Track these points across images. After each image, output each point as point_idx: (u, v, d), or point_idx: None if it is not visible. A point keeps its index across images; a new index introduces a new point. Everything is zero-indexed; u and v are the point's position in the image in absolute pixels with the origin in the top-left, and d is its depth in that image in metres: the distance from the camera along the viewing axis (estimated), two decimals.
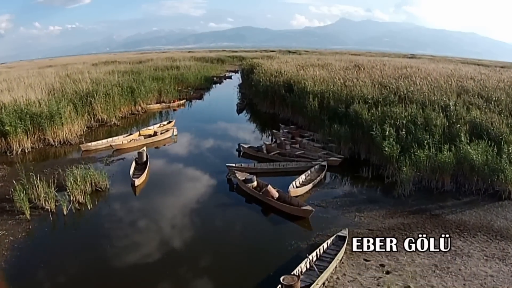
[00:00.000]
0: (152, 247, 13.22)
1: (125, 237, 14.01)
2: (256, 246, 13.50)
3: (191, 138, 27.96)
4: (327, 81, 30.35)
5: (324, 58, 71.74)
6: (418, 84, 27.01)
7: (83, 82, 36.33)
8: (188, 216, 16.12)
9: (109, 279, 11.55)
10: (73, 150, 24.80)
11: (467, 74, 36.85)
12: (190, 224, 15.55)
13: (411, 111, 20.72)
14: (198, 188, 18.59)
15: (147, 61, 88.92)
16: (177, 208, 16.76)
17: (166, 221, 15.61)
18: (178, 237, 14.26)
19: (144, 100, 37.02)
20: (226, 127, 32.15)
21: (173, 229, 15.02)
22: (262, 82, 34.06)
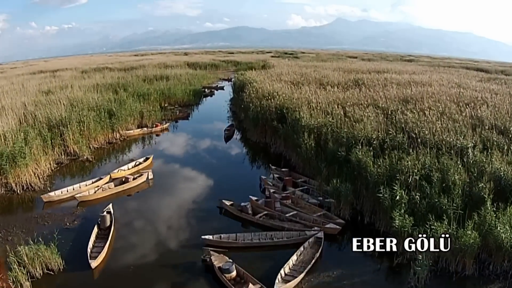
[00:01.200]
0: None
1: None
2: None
3: (168, 184, 23.78)
4: (325, 108, 27.14)
5: (322, 67, 68.93)
6: (428, 115, 23.71)
7: (60, 104, 33.41)
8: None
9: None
10: (35, 200, 21.18)
11: (477, 94, 33.84)
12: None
13: (424, 160, 17.39)
14: (166, 273, 14.90)
15: (139, 68, 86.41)
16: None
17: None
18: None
19: (124, 125, 33.68)
20: (209, 166, 27.08)
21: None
22: (252, 107, 30.67)
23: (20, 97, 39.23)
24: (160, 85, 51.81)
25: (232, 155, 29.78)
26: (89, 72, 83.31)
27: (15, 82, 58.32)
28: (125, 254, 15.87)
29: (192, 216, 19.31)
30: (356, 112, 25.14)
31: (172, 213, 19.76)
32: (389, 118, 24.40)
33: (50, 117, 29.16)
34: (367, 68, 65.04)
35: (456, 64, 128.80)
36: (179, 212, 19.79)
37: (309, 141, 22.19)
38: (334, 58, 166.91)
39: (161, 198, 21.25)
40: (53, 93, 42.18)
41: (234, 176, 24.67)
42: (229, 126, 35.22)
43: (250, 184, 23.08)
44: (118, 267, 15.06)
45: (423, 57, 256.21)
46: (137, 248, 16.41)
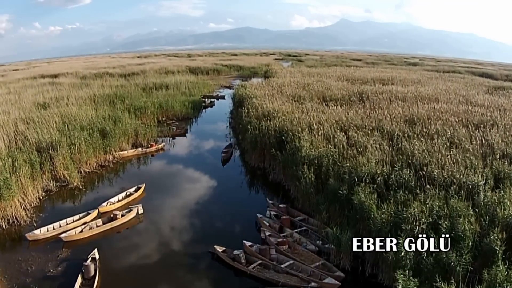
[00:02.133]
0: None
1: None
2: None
3: (158, 221, 21.88)
4: (327, 132, 25.80)
5: (325, 75, 67.83)
6: (436, 144, 22.28)
7: (52, 121, 32.31)
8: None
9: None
10: (20, 238, 19.75)
11: (486, 111, 32.73)
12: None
13: (431, 205, 16.04)
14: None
15: (140, 73, 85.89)
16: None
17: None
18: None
19: (118, 145, 32.38)
20: (204, 198, 25.33)
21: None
22: (250, 129, 29.26)
23: (14, 111, 38.24)
24: (159, 96, 50.88)
25: (229, 183, 27.71)
26: (89, 78, 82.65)
27: (12, 90, 57.65)
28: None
29: (182, 263, 17.82)
30: (359, 139, 23.71)
31: (162, 258, 18.20)
32: (395, 146, 23.09)
33: (40, 138, 27.90)
34: (371, 77, 63.83)
35: (461, 69, 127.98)
36: (169, 257, 18.32)
37: (309, 174, 20.74)
38: (338, 61, 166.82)
39: (151, 239, 19.82)
40: (48, 106, 41.20)
41: (230, 211, 22.83)
42: (227, 147, 33.56)
43: (245, 220, 21.76)
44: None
45: (428, 60, 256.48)
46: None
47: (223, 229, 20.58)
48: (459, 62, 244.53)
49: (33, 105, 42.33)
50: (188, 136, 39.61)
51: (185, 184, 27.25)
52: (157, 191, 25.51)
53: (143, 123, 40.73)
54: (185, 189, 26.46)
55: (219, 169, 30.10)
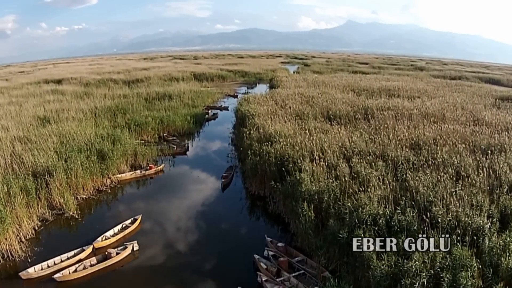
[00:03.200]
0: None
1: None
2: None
3: (153, 258, 21.01)
4: (329, 161, 25.15)
5: (330, 84, 67.14)
6: (442, 178, 21.48)
7: (50, 139, 32.17)
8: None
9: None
10: (13, 277, 18.96)
11: (494, 130, 32.99)
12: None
13: (433, 255, 15.24)
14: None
15: (144, 80, 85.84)
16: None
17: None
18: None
19: (116, 167, 31.75)
20: (201, 231, 24.19)
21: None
22: (251, 155, 28.45)
23: (13, 126, 37.98)
24: (161, 108, 50.42)
25: (227, 214, 26.63)
26: (92, 85, 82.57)
27: (14, 100, 57.55)
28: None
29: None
30: (362, 171, 22.92)
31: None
32: (399, 177, 22.47)
33: (37, 162, 27.33)
34: (377, 87, 63.31)
35: (468, 74, 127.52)
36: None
37: (309, 212, 19.98)
38: (345, 66, 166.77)
39: (145, 279, 19.16)
40: (48, 121, 40.86)
41: (227, 248, 21.87)
42: (228, 171, 32.63)
43: (242, 258, 20.95)
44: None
45: (434, 62, 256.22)
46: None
47: (218, 270, 19.77)
48: (465, 65, 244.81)
49: (33, 119, 42.02)
50: (189, 154, 38.80)
51: (182, 214, 26.15)
52: (154, 223, 24.70)
53: (143, 140, 40.28)
54: (182, 220, 25.40)
55: (218, 196, 29.17)
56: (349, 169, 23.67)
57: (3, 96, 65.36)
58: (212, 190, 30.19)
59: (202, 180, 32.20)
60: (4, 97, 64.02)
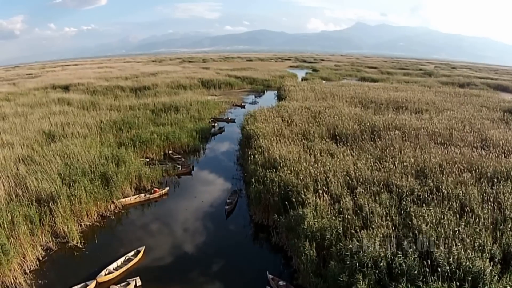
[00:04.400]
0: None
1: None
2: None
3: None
4: (334, 191, 25.02)
5: (338, 95, 67.00)
6: (446, 215, 21.25)
7: (54, 162, 32.11)
8: None
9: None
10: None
11: (500, 152, 33.30)
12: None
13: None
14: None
15: (151, 87, 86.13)
16: None
17: None
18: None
19: (120, 190, 31.54)
20: (203, 261, 23.68)
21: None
22: (254, 183, 28.13)
23: (17, 142, 38.23)
24: (167, 122, 50.34)
25: (230, 244, 26.10)
26: (99, 92, 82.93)
27: (20, 110, 57.81)
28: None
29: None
30: (366, 203, 22.81)
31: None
32: (403, 212, 22.29)
33: (40, 187, 27.30)
34: (385, 98, 63.17)
35: (476, 80, 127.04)
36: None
37: (310, 250, 19.80)
38: (353, 70, 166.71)
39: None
40: (53, 136, 40.92)
41: (229, 283, 21.85)
42: (232, 195, 32.23)
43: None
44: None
45: (443, 66, 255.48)
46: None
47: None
48: (474, 69, 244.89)
49: (38, 133, 42.18)
50: (193, 174, 38.40)
51: (185, 246, 25.64)
52: (157, 255, 24.34)
53: (148, 158, 40.15)
54: (184, 252, 24.88)
55: (222, 224, 28.72)
56: (353, 202, 23.51)
57: (10, 105, 65.72)
58: (216, 217, 29.75)
59: (206, 205, 31.71)
60: (11, 106, 64.40)
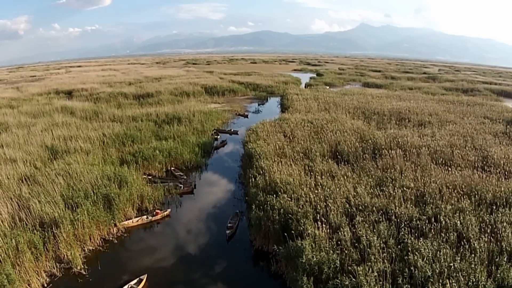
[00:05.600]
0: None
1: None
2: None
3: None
4: (332, 220, 25.21)
5: (340, 105, 67.20)
6: (443, 248, 21.45)
7: (57, 182, 32.32)
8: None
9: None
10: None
11: (501, 172, 33.80)
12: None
13: None
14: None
15: (154, 95, 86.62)
16: None
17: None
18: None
19: (123, 212, 31.79)
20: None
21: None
22: (255, 209, 28.26)
23: (20, 157, 38.61)
24: (170, 135, 50.70)
25: (231, 271, 26.05)
26: (102, 99, 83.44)
27: (23, 120, 58.29)
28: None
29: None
30: (364, 234, 23.15)
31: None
32: (401, 243, 22.59)
33: (43, 211, 27.55)
34: (388, 109, 63.53)
35: (480, 86, 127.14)
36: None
37: (309, 284, 20.14)
38: (357, 75, 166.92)
39: None
40: (56, 151, 41.27)
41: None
42: (233, 218, 32.25)
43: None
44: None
45: (447, 68, 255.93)
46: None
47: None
48: (478, 72, 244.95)
49: (41, 148, 42.49)
50: (195, 193, 38.37)
51: (186, 271, 25.58)
52: (159, 281, 24.51)
53: (151, 175, 40.34)
54: (185, 277, 25.03)
55: (223, 249, 28.78)
56: (351, 232, 23.76)
57: (13, 113, 66.38)
58: (217, 240, 29.82)
59: (208, 228, 31.85)
60: (14, 114, 65.09)
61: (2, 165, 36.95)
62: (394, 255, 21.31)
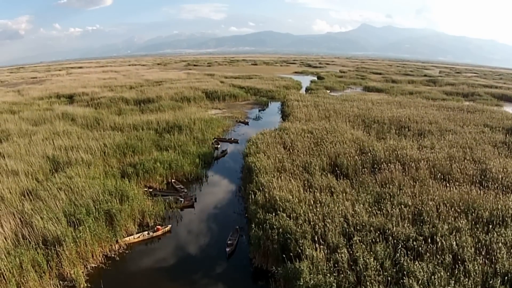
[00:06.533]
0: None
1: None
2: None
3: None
4: (330, 240, 25.58)
5: (341, 112, 67.39)
6: (438, 270, 21.81)
7: (59, 197, 32.68)
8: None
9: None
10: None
11: (499, 190, 33.91)
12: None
13: None
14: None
15: (155, 100, 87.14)
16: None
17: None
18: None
19: (124, 228, 32.03)
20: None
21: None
22: (254, 228, 28.64)
23: (21, 169, 38.89)
24: (170, 145, 51.06)
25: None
26: (103, 105, 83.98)
27: (24, 128, 58.79)
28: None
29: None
30: (361, 256, 23.51)
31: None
32: (397, 264, 22.97)
33: (46, 227, 27.89)
34: (389, 117, 63.70)
35: (481, 90, 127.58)
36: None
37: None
38: (358, 78, 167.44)
39: None
40: (57, 162, 41.69)
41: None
42: (233, 235, 32.41)
43: None
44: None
45: (447, 70, 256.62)
46: None
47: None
48: (479, 74, 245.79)
49: (42, 159, 42.70)
50: (196, 207, 38.48)
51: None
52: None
53: (152, 188, 40.63)
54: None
55: (223, 267, 28.97)
56: (349, 253, 24.16)
57: (14, 119, 66.90)
58: (217, 257, 30.03)
59: (208, 244, 31.98)
60: (15, 121, 65.59)
61: (4, 178, 37.31)
62: (390, 278, 21.63)
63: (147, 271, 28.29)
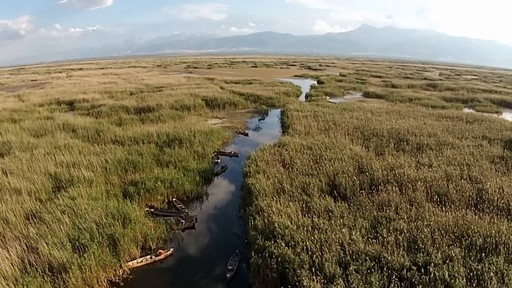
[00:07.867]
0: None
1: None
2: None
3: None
4: (327, 269, 26.21)
5: (340, 124, 68.03)
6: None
7: (62, 221, 33.30)
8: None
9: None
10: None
11: (494, 213, 34.58)
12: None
13: None
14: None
15: (155, 109, 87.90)
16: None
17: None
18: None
19: (127, 252, 32.64)
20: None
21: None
22: (254, 256, 29.25)
23: (24, 187, 39.49)
24: (171, 161, 51.75)
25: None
26: (104, 113, 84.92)
27: (25, 141, 59.31)
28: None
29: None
30: (356, 286, 24.34)
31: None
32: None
33: (51, 254, 28.56)
34: (388, 130, 64.42)
35: (480, 96, 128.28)
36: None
37: None
38: (358, 82, 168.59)
39: None
40: (60, 179, 42.41)
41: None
42: (233, 259, 32.97)
43: None
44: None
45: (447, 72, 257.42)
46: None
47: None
48: (480, 76, 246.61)
49: (44, 177, 43.23)
50: (197, 228, 39.01)
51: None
52: None
53: (153, 207, 41.22)
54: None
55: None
56: (344, 284, 24.87)
57: (15, 130, 67.62)
58: (218, 282, 30.75)
59: (209, 269, 32.50)
60: (16, 132, 66.32)
61: (7, 197, 37.93)
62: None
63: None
